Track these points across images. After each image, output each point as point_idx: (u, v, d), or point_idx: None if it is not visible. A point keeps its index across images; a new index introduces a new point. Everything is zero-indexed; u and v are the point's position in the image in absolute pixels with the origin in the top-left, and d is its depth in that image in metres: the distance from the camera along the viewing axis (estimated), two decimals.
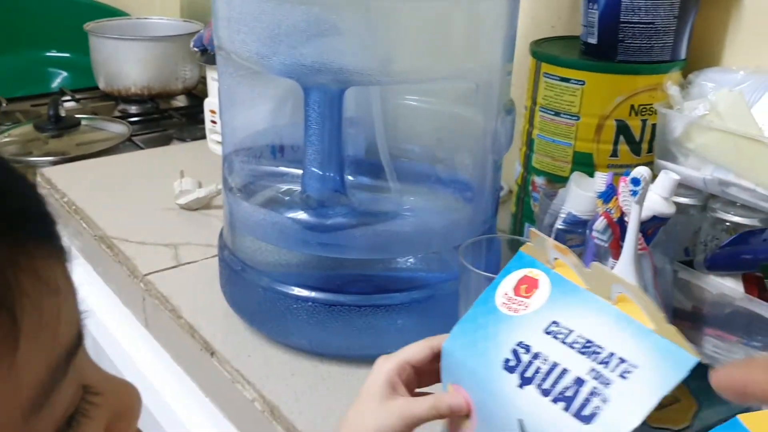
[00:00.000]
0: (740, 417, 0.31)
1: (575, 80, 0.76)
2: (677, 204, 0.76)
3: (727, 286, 0.68)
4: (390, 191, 0.70)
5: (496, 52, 0.65)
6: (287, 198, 0.68)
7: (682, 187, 0.75)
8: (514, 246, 0.71)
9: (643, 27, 0.74)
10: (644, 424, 0.35)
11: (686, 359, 0.36)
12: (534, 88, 0.81)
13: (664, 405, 0.44)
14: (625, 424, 0.36)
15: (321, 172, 0.62)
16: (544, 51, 0.80)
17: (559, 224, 0.72)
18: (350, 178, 0.71)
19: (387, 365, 0.48)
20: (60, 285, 0.26)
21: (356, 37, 0.59)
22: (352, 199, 0.66)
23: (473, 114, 0.69)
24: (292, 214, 0.65)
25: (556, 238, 0.74)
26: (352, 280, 0.71)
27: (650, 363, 0.37)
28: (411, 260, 0.73)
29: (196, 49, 1.11)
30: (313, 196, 0.63)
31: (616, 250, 0.62)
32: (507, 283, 0.46)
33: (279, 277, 0.68)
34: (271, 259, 0.69)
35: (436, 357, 0.48)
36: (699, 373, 0.35)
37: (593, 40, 0.78)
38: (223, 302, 0.75)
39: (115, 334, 0.89)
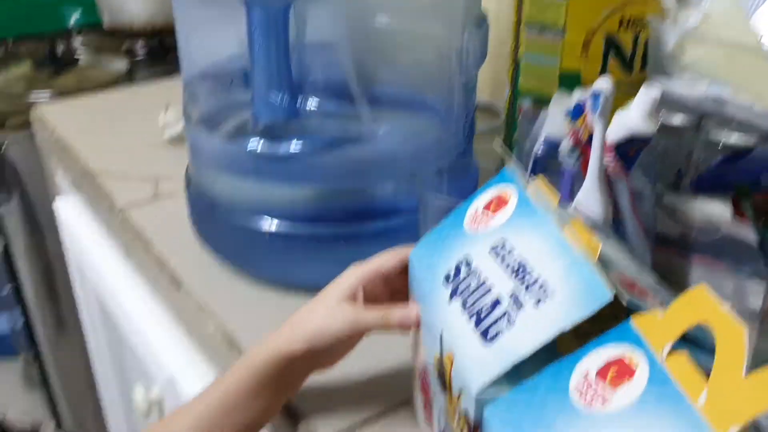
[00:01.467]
0: (633, 318, 0.29)
1: None
2: (669, 126, 0.71)
3: (716, 211, 0.63)
4: (356, 118, 0.66)
5: None
6: (244, 126, 0.65)
7: (676, 105, 0.69)
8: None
9: None
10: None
11: (601, 295, 0.33)
12: (519, 3, 0.75)
13: None
14: (516, 351, 0.33)
15: (270, 97, 0.59)
16: None
17: (537, 149, 0.67)
18: (314, 107, 0.68)
19: (355, 273, 0.49)
20: None
21: None
22: (310, 125, 0.63)
23: (438, 30, 0.64)
24: (244, 143, 0.62)
25: (535, 164, 0.70)
26: (319, 210, 0.68)
27: (567, 294, 0.34)
28: (381, 188, 0.69)
29: None
30: (264, 123, 0.60)
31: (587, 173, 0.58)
32: (481, 199, 0.45)
33: (241, 209, 0.66)
34: (232, 191, 0.67)
35: (405, 269, 0.47)
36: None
37: None
38: (195, 235, 0.74)
39: (101, 266, 0.89)
